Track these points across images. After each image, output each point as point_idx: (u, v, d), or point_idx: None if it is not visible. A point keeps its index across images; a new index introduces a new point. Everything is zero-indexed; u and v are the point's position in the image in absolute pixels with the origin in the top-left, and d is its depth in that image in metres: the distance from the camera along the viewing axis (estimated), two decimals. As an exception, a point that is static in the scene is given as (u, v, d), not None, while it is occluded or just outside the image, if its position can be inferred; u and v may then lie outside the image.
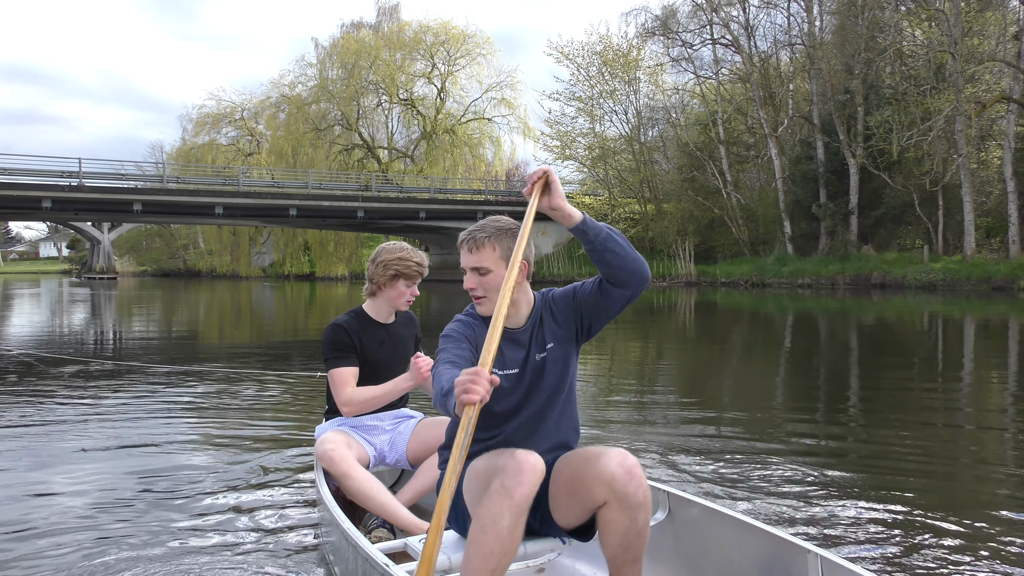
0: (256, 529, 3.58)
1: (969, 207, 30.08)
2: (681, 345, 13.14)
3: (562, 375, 2.56)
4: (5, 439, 5.37)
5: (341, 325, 3.53)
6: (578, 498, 2.34)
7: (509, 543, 2.17)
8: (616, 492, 2.25)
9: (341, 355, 3.48)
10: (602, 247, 2.35)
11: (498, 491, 2.18)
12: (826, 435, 5.59)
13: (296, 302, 28.62)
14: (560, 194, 2.35)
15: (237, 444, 5.22)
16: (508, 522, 2.15)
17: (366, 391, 3.45)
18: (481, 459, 2.39)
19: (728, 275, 36.78)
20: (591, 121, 46.88)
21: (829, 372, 9.53)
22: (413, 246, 3.63)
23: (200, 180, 44.79)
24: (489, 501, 2.18)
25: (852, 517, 3.69)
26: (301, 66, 57.70)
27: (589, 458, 2.34)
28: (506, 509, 2.15)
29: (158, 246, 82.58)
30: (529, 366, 2.53)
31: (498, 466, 2.24)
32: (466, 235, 2.53)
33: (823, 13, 37.87)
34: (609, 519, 2.30)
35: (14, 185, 35.37)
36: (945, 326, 16.06)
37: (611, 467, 2.26)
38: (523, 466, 2.20)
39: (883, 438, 5.40)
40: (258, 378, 8.26)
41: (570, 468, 2.38)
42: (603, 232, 2.35)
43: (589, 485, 2.29)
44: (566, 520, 2.43)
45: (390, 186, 49.84)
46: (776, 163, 38.09)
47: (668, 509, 2.80)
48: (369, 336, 3.57)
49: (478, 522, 2.19)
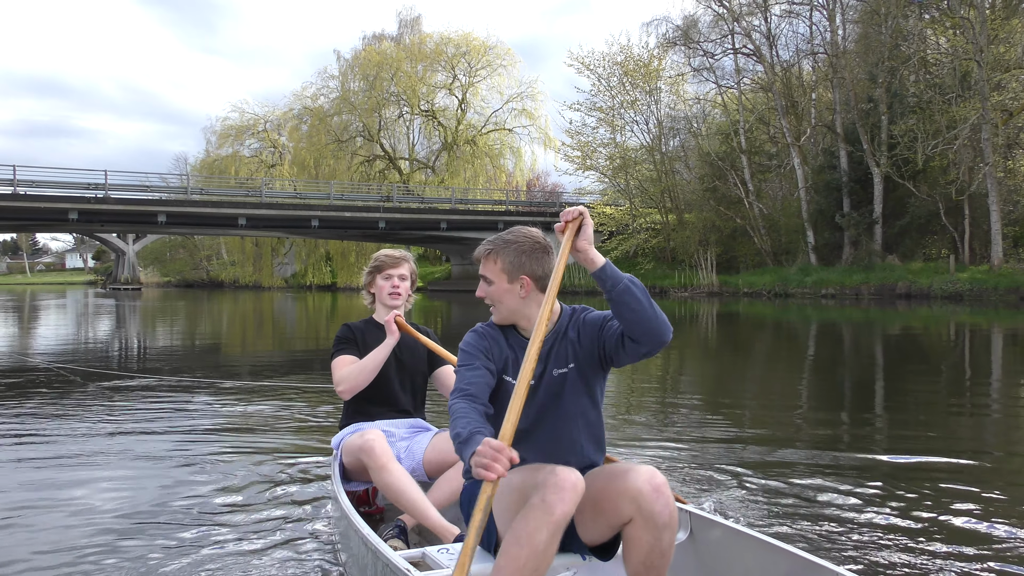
0: (270, 537, 3.56)
1: (996, 216, 29.70)
2: (704, 356, 13.03)
3: (582, 398, 2.52)
4: (28, 447, 5.40)
5: (348, 324, 3.76)
6: (604, 514, 2.30)
7: (542, 559, 2.14)
8: (643, 510, 2.21)
9: (340, 347, 3.67)
10: (619, 298, 2.30)
11: (538, 506, 2.15)
12: (853, 450, 5.47)
13: (318, 313, 28.77)
14: (588, 237, 2.37)
15: (254, 454, 5.21)
16: (545, 538, 2.13)
17: (354, 365, 3.56)
18: (516, 472, 2.30)
19: (751, 285, 36.52)
20: (612, 131, 46.83)
21: (855, 384, 9.39)
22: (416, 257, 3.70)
23: (223, 191, 45.27)
24: (528, 515, 2.15)
25: (880, 537, 3.58)
26: (323, 78, 58.25)
27: (617, 474, 2.30)
28: (544, 525, 2.13)
29: (181, 257, 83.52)
30: (545, 380, 2.50)
31: (538, 481, 2.21)
32: (480, 246, 2.59)
33: (846, 22, 37.64)
34: (634, 537, 2.26)
35: (42, 197, 35.95)
36: (972, 336, 15.82)
37: (639, 484, 2.22)
38: (565, 483, 2.17)
39: (912, 453, 5.29)
40: (278, 389, 8.27)
41: (598, 484, 2.33)
42: (622, 283, 2.30)
43: (615, 501, 2.26)
44: (590, 536, 2.39)
45: (411, 197, 50.07)
46: (799, 172, 37.83)
47: (690, 529, 2.74)
48: (373, 338, 3.67)
49: (513, 534, 2.16)
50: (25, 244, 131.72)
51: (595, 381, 2.55)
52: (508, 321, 2.59)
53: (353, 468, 3.40)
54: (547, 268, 2.53)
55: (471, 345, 2.51)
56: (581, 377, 2.51)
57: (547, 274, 2.51)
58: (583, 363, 2.51)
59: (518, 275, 2.52)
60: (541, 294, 2.52)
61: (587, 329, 2.52)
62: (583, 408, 2.52)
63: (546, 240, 2.61)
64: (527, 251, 2.53)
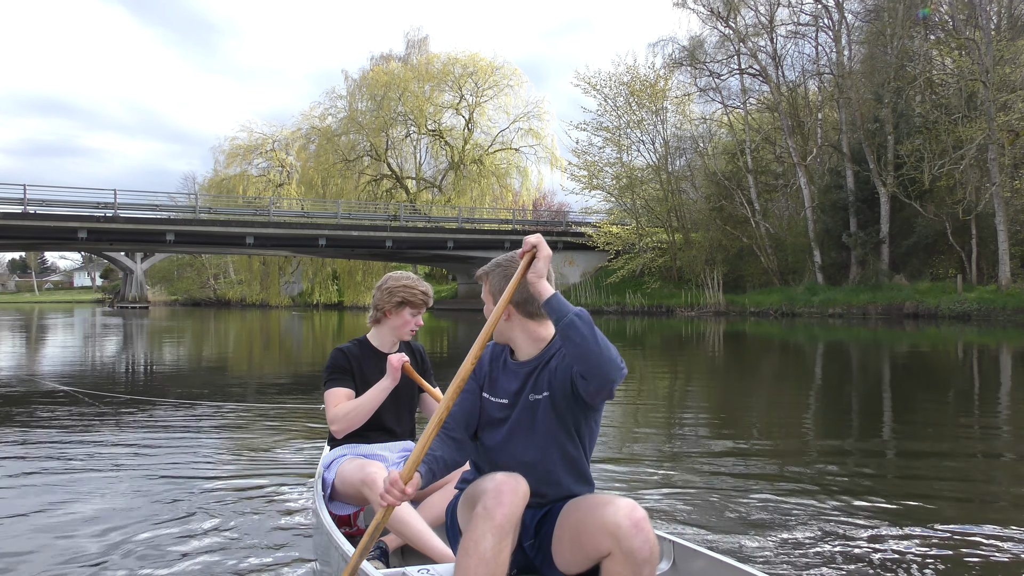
0: (250, 556, 3.57)
1: (1004, 236, 29.62)
2: (709, 375, 12.98)
3: (557, 429, 2.47)
4: (26, 468, 5.41)
5: (342, 350, 3.55)
6: (582, 546, 2.26)
7: (494, 566, 2.15)
8: (622, 545, 2.16)
9: (337, 377, 3.49)
10: (563, 332, 2.22)
11: (480, 514, 2.19)
12: (851, 475, 5.39)
13: (324, 332, 28.78)
14: (538, 271, 2.32)
15: (242, 473, 5.25)
16: (490, 544, 2.15)
17: (349, 403, 3.42)
18: (470, 486, 2.40)
19: (757, 304, 36.43)
20: (618, 151, 46.96)
21: (861, 404, 9.34)
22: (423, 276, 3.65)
23: (231, 211, 45.49)
24: (473, 524, 2.20)
25: (872, 570, 3.51)
26: (331, 98, 58.66)
27: (596, 505, 2.26)
28: (488, 531, 2.15)
29: (189, 275, 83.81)
30: (521, 403, 2.50)
31: (481, 489, 2.26)
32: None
33: (851, 42, 37.76)
34: (613, 571, 2.21)
35: (52, 216, 36.14)
36: (981, 356, 15.74)
37: (618, 519, 2.17)
38: (503, 487, 2.21)
39: (914, 474, 5.25)
40: (278, 410, 8.27)
41: (576, 514, 2.31)
42: (567, 317, 2.21)
43: (593, 534, 2.22)
44: (568, 567, 2.36)
45: (418, 216, 50.20)
46: (805, 192, 37.84)
47: (672, 560, 2.67)
48: (370, 365, 3.54)
49: (462, 546, 2.21)
50: (33, 262, 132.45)
51: (571, 414, 2.47)
52: (502, 341, 2.61)
53: (345, 492, 3.35)
54: (530, 295, 2.47)
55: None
56: (554, 407, 2.46)
57: (529, 300, 2.49)
58: (557, 393, 2.45)
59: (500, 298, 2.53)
60: (525, 319, 2.53)
61: (565, 360, 2.45)
62: (558, 439, 2.47)
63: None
64: (510, 276, 2.53)
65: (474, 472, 2.62)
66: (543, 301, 2.30)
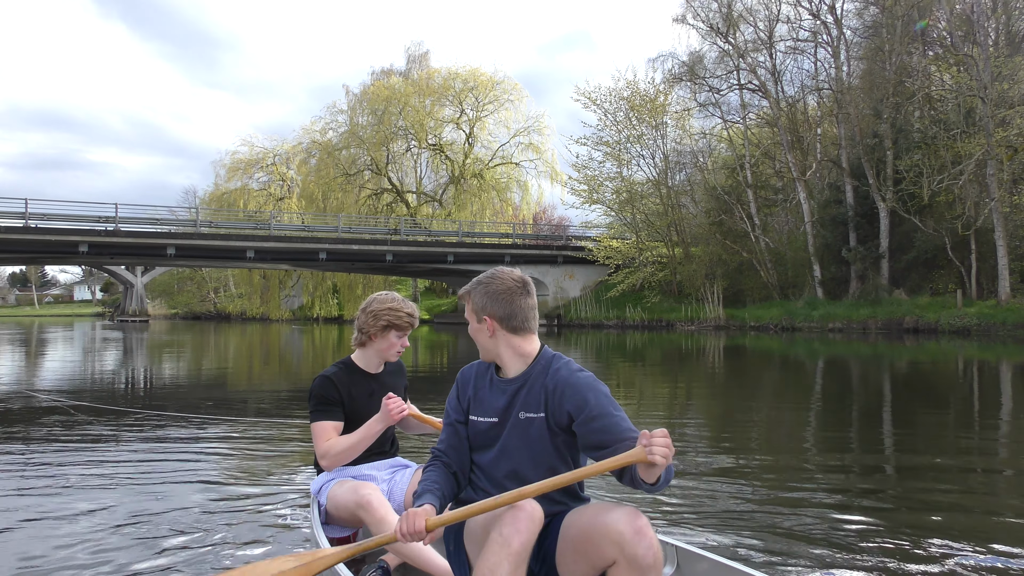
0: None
1: (1003, 251, 29.68)
2: (709, 389, 12.98)
3: (550, 450, 2.48)
4: (23, 485, 5.41)
5: (329, 377, 3.47)
6: (586, 555, 2.27)
7: None
8: (626, 553, 2.17)
9: (324, 409, 3.43)
10: (651, 489, 2.27)
11: (497, 540, 2.19)
12: (851, 483, 5.42)
13: (324, 346, 28.76)
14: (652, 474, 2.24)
15: (240, 494, 5.21)
16: (507, 571, 2.16)
17: (341, 441, 3.39)
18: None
19: (757, 319, 36.43)
20: (618, 165, 47.11)
21: (861, 417, 9.33)
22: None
23: (232, 224, 45.55)
24: (489, 549, 2.20)
25: (876, 572, 3.55)
26: (332, 113, 58.87)
27: (598, 514, 2.27)
28: (504, 558, 2.16)
29: (189, 289, 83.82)
30: (511, 420, 2.50)
31: (496, 515, 2.25)
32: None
33: (850, 58, 37.95)
34: None
35: (53, 230, 36.17)
36: (981, 370, 15.73)
37: (620, 526, 2.19)
38: (519, 514, 2.21)
39: (915, 487, 5.25)
40: (275, 426, 8.27)
41: (578, 525, 2.32)
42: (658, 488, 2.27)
43: (597, 543, 2.23)
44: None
45: (418, 230, 50.31)
46: (804, 207, 37.94)
47: (676, 564, 2.69)
48: (358, 388, 3.51)
49: (478, 570, 2.20)
50: (34, 276, 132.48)
51: (567, 446, 2.49)
52: (488, 359, 2.63)
53: (339, 516, 3.34)
54: (513, 309, 2.52)
55: (450, 402, 2.67)
56: (550, 430, 2.47)
57: (512, 315, 2.52)
58: (553, 419, 2.47)
59: (483, 315, 2.57)
60: (510, 335, 2.54)
61: (560, 400, 2.44)
62: (551, 461, 2.48)
63: (523, 281, 2.60)
64: (492, 293, 2.56)
65: (469, 492, 2.61)
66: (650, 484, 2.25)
